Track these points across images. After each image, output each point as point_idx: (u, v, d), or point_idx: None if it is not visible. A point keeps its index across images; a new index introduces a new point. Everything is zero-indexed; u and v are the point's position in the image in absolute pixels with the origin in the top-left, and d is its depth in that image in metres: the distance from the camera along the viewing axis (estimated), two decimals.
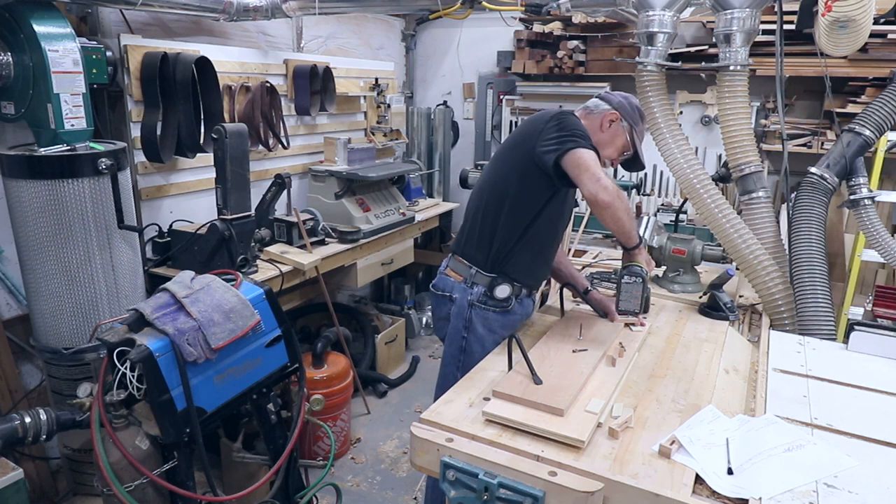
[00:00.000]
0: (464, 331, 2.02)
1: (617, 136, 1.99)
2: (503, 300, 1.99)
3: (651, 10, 2.29)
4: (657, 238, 2.43)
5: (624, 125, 1.98)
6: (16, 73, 2.21)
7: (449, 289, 2.07)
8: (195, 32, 3.26)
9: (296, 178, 3.64)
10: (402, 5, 3.56)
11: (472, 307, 2.01)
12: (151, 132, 2.79)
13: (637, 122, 1.99)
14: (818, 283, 2.17)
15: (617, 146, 2.00)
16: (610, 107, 1.99)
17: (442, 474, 1.35)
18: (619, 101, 2.00)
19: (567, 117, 1.89)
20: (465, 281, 2.03)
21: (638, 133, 2.00)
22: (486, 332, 2.01)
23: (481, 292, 2.00)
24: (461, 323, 2.02)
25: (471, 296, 2.01)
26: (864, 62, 3.39)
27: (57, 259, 2.24)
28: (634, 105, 2.02)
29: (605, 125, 1.98)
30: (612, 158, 2.03)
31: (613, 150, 2.00)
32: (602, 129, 1.98)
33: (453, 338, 2.05)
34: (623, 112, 1.98)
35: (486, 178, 2.07)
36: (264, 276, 2.80)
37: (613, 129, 1.98)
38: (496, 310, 2.01)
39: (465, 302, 2.01)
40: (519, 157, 1.94)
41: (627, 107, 1.99)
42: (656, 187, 4.36)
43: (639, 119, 2.01)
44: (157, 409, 1.68)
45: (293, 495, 2.16)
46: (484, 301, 2.00)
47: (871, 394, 1.63)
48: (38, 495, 2.61)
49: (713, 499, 1.22)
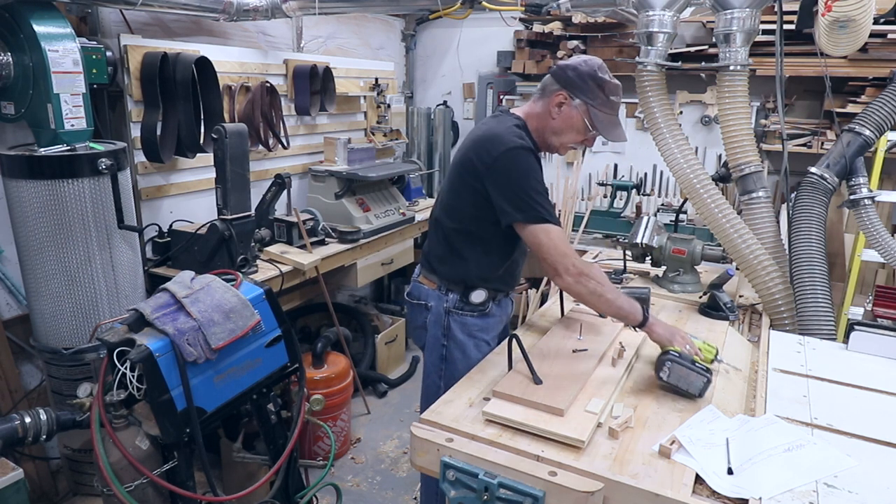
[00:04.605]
0: (443, 339, 1.95)
1: (571, 118, 1.79)
2: (480, 304, 1.93)
3: (651, 10, 2.29)
4: (657, 238, 2.43)
5: (576, 104, 1.77)
6: (16, 73, 2.21)
7: (424, 297, 1.99)
8: (195, 32, 3.26)
9: (296, 178, 3.64)
10: (402, 5, 3.56)
11: (450, 314, 1.93)
12: (151, 132, 2.79)
13: (593, 95, 1.75)
14: (818, 283, 2.17)
15: (575, 128, 1.80)
16: (558, 85, 1.78)
17: (442, 474, 1.35)
18: (568, 75, 1.77)
19: (516, 159, 1.71)
20: (440, 288, 1.95)
21: (598, 106, 1.76)
22: (465, 338, 1.94)
23: (457, 298, 1.93)
24: (439, 331, 1.95)
25: (446, 303, 1.93)
26: (864, 62, 3.38)
27: (57, 259, 2.24)
28: (587, 73, 1.75)
29: (553, 110, 1.79)
30: (576, 142, 1.86)
31: (573, 134, 1.82)
32: (552, 116, 1.80)
33: (433, 347, 1.98)
34: (573, 89, 1.76)
35: (442, 191, 1.98)
36: (264, 276, 2.80)
37: (565, 112, 1.79)
38: (474, 314, 1.94)
39: (442, 309, 1.94)
40: (468, 178, 1.81)
41: (577, 80, 1.75)
42: (656, 187, 4.36)
43: (595, 89, 1.75)
44: (157, 409, 1.68)
45: (293, 495, 2.16)
46: (461, 307, 1.93)
47: (871, 394, 1.63)
48: (38, 495, 2.60)
49: (713, 499, 1.22)
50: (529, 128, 1.86)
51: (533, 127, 1.87)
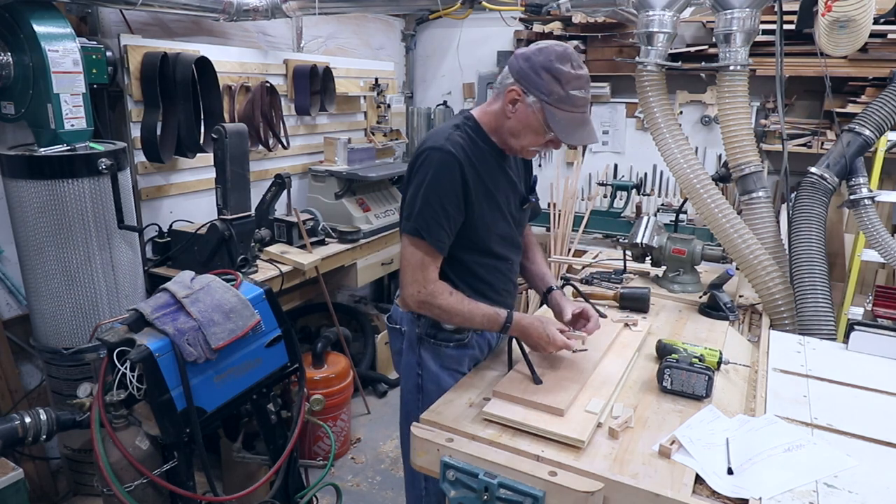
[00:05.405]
0: (417, 367, 1.75)
1: (528, 116, 1.51)
2: (454, 332, 1.71)
3: (651, 10, 2.29)
4: (657, 238, 2.43)
5: (530, 101, 1.49)
6: (16, 73, 2.21)
7: (399, 320, 1.80)
8: (195, 32, 3.26)
9: (296, 178, 3.64)
10: (402, 5, 3.56)
11: (422, 342, 1.72)
12: (151, 132, 2.79)
13: (548, 90, 1.46)
14: (818, 283, 2.17)
15: (533, 129, 1.53)
16: (512, 79, 1.52)
17: (442, 474, 1.35)
18: (520, 66, 1.49)
19: (427, 161, 1.52)
20: (412, 311, 1.70)
21: (555, 103, 1.47)
22: (439, 370, 1.73)
23: (429, 323, 1.70)
24: (413, 359, 1.75)
25: (419, 328, 1.72)
26: (864, 62, 3.38)
27: (57, 259, 2.24)
28: (541, 64, 1.46)
29: (507, 108, 1.53)
30: (537, 145, 1.58)
31: (531, 136, 1.55)
32: (507, 114, 1.54)
33: (408, 374, 1.78)
34: (526, 83, 1.48)
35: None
36: (264, 276, 2.80)
37: (520, 110, 1.52)
38: (450, 344, 1.72)
39: (414, 335, 1.73)
40: None
41: (530, 72, 1.47)
42: (656, 187, 4.36)
43: (551, 82, 1.45)
44: (157, 409, 1.68)
45: (293, 495, 2.16)
46: (433, 335, 1.71)
47: (871, 394, 1.63)
48: (38, 495, 2.60)
49: (713, 499, 1.22)
50: (485, 128, 1.63)
51: (490, 127, 1.63)
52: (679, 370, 1.56)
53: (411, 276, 1.57)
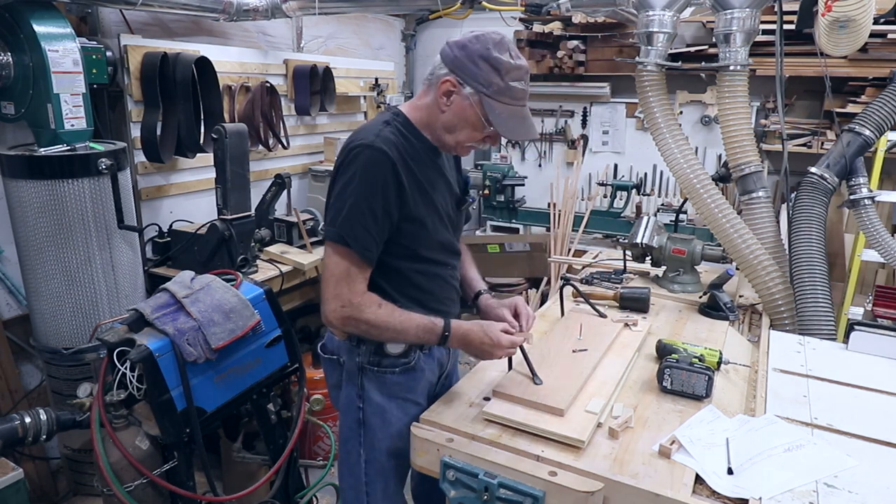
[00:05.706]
0: (358, 400, 1.56)
1: (464, 110, 1.40)
2: (400, 356, 1.53)
3: (651, 10, 2.29)
4: (657, 238, 2.43)
5: (467, 92, 1.38)
6: (16, 73, 2.21)
7: (335, 350, 1.60)
8: (195, 32, 3.26)
9: (296, 178, 3.64)
10: (402, 5, 3.56)
11: (364, 372, 1.54)
12: (151, 132, 2.79)
13: (486, 81, 1.36)
14: (818, 283, 2.17)
15: (470, 123, 1.42)
16: (446, 69, 1.40)
17: (442, 474, 1.35)
18: (455, 55, 1.38)
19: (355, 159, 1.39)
20: (350, 338, 1.54)
21: (493, 95, 1.37)
22: (384, 400, 1.55)
23: (371, 350, 1.53)
24: (354, 391, 1.57)
25: (359, 356, 1.54)
26: (864, 62, 3.39)
27: (57, 259, 2.24)
28: (478, 52, 1.36)
29: (441, 101, 1.42)
30: (475, 140, 1.47)
31: (469, 131, 1.44)
32: (441, 108, 1.42)
33: (348, 408, 1.59)
34: (462, 73, 1.37)
35: None
36: (264, 276, 2.80)
37: (455, 103, 1.40)
38: (395, 370, 1.54)
39: (354, 366, 1.55)
40: None
41: (466, 62, 1.37)
42: (656, 187, 4.36)
43: (490, 73, 1.36)
44: (157, 409, 1.68)
45: (293, 495, 2.16)
46: (377, 362, 1.53)
47: (871, 394, 1.63)
48: (38, 495, 2.60)
49: (713, 499, 1.22)
50: (416, 124, 1.49)
51: (421, 122, 1.49)
52: (679, 370, 1.56)
53: (334, 289, 1.43)
